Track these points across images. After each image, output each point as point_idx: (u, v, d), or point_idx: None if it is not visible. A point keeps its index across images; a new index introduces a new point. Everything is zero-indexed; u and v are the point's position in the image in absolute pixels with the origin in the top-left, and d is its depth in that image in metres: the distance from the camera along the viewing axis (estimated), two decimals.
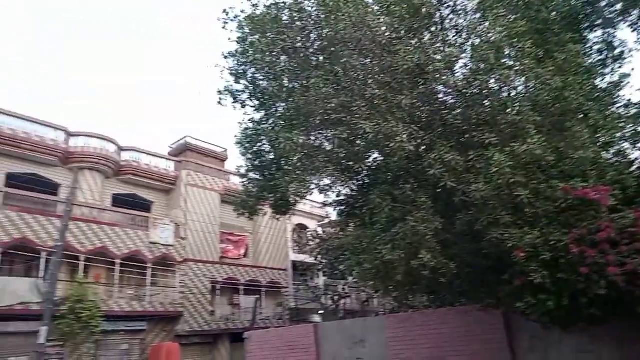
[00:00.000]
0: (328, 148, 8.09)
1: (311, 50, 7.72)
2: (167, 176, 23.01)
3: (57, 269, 13.73)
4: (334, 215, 20.67)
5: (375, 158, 8.62)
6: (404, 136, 5.99)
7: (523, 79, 6.97)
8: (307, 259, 25.22)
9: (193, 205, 22.72)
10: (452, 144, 6.58)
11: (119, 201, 21.17)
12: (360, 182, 10.30)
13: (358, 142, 6.89)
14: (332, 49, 6.82)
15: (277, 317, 24.59)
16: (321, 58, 7.52)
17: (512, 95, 7.28)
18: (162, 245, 20.48)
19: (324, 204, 13.24)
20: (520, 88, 7.25)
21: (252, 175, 11.79)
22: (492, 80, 6.84)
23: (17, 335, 15.49)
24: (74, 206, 14.77)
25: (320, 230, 25.13)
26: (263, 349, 12.57)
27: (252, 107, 9.47)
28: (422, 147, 6.77)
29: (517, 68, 6.72)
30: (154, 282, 19.97)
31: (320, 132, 8.19)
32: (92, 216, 18.72)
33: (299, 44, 7.53)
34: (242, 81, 9.24)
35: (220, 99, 9.71)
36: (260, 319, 22.99)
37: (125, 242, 19.15)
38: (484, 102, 6.95)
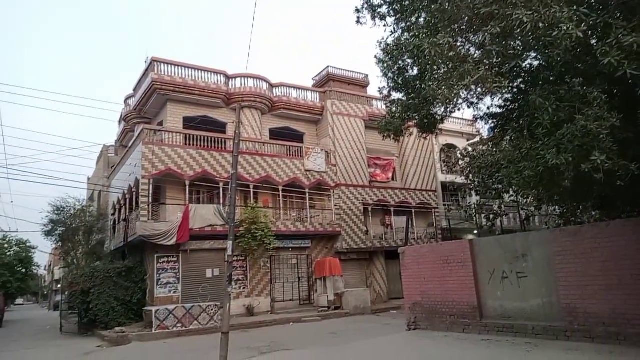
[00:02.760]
0: (477, 55, 7.50)
1: None
2: (314, 107, 24.12)
3: (234, 196, 15.83)
4: (485, 132, 19.46)
5: (534, 57, 7.71)
6: (570, 22, 5.20)
7: None
8: (456, 179, 24.54)
9: (340, 133, 23.62)
10: (634, 24, 5.50)
11: (275, 134, 23.18)
12: (516, 89, 9.41)
13: (513, 38, 6.20)
14: None
15: (429, 236, 24.96)
16: None
17: None
18: (316, 172, 22.02)
19: (474, 119, 12.52)
20: None
21: (395, 95, 11.64)
22: None
23: (210, 252, 18.73)
24: (240, 141, 16.55)
25: (470, 149, 23.98)
26: (418, 263, 13.00)
27: (392, 17, 9.11)
28: (593, 33, 5.81)
29: None
30: (312, 205, 21.86)
31: (468, 36, 7.59)
32: (255, 149, 20.90)
33: None
34: None
35: (358, 17, 9.56)
36: (412, 238, 23.66)
37: (285, 170, 21.09)
38: None
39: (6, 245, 34.50)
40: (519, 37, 6.15)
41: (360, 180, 23.59)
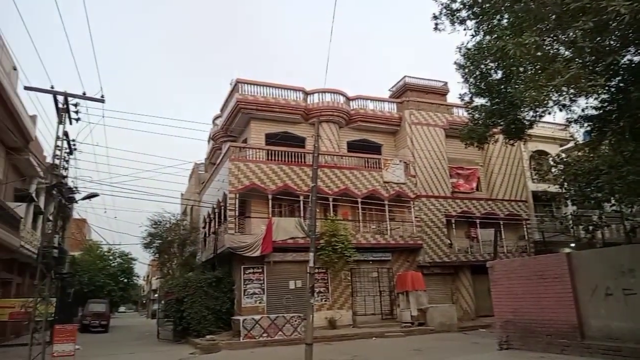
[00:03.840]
0: (567, 53, 6.99)
1: None
2: (392, 118, 23.92)
3: (314, 209, 16.16)
4: (579, 136, 17.94)
5: (635, 52, 7.01)
6: None
7: None
8: (549, 188, 22.83)
9: (419, 143, 23.15)
10: None
11: (353, 146, 23.29)
12: (614, 88, 8.61)
13: (609, 33, 5.69)
14: None
15: (520, 250, 23.41)
16: None
17: None
18: (395, 183, 21.72)
19: (568, 122, 11.63)
20: None
21: (477, 100, 11.20)
22: None
23: (292, 263, 19.14)
24: (319, 155, 16.92)
25: (563, 155, 22.26)
26: (510, 277, 12.22)
27: (472, 20, 8.80)
28: None
29: None
30: (391, 217, 21.54)
31: (556, 34, 7.11)
32: (333, 162, 21.17)
33: None
34: None
35: (436, 24, 9.38)
36: (501, 251, 22.34)
37: (363, 182, 21.07)
38: None
39: (111, 257, 38.14)
40: (616, 31, 5.64)
41: (441, 191, 22.85)
